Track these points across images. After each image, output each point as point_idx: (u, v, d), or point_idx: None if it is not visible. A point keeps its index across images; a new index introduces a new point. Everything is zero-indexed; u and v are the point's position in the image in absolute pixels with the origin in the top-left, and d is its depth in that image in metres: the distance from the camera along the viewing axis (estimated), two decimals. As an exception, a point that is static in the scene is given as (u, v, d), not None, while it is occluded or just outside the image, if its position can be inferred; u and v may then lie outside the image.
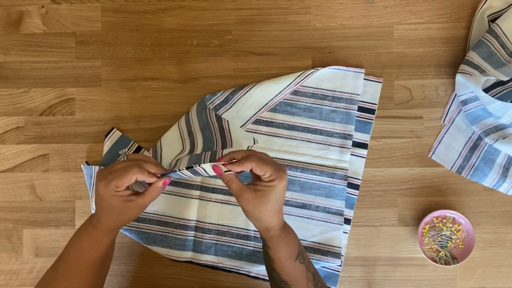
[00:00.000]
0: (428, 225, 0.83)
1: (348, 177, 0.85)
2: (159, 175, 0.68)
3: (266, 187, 0.65)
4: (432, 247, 0.84)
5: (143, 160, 0.68)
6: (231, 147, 0.82)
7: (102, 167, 0.86)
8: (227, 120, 0.84)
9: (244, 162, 0.65)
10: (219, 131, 0.84)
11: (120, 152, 0.71)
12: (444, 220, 0.84)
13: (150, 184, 0.68)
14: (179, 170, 0.67)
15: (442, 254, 0.83)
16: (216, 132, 0.84)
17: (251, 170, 0.65)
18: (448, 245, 0.83)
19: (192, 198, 0.86)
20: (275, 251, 0.67)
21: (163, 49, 0.88)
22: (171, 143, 0.85)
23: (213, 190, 0.86)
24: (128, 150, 0.81)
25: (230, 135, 0.83)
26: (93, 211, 0.83)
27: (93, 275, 0.68)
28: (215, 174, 0.68)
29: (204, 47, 0.88)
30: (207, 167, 0.66)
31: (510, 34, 0.82)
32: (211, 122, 0.84)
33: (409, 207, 0.86)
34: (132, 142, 0.87)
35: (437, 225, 0.83)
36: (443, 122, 0.86)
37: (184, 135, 0.86)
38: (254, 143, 0.84)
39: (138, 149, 0.86)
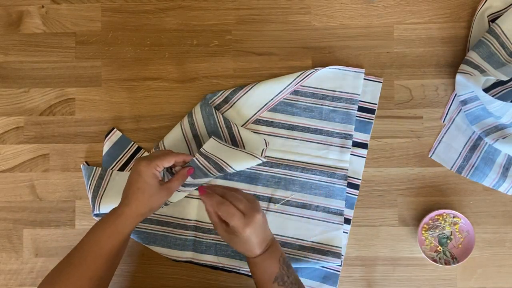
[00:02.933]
0: (428, 225, 0.83)
1: (348, 177, 0.85)
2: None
3: (233, 232, 0.68)
4: (432, 246, 0.84)
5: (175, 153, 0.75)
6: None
7: (101, 167, 0.86)
8: (237, 126, 0.84)
9: (218, 206, 0.68)
10: (230, 138, 0.84)
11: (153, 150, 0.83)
12: (444, 218, 0.83)
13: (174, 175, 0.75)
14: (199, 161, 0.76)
15: (442, 254, 0.83)
16: (226, 139, 0.84)
17: None
18: (448, 243, 0.83)
19: (192, 198, 0.85)
20: (253, 273, 0.71)
21: (163, 49, 0.88)
22: (176, 146, 0.85)
23: (213, 190, 0.86)
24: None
25: (242, 142, 0.83)
26: (95, 211, 0.83)
27: (107, 266, 0.69)
28: (234, 170, 0.78)
29: (204, 47, 0.88)
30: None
31: (510, 34, 0.82)
32: (220, 127, 0.84)
33: (409, 207, 0.86)
34: (132, 142, 0.87)
35: (436, 223, 0.83)
36: (443, 122, 0.86)
37: (189, 138, 0.85)
38: (266, 145, 0.83)
39: (138, 150, 0.86)
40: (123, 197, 0.72)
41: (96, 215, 0.85)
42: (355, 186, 0.85)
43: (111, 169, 0.86)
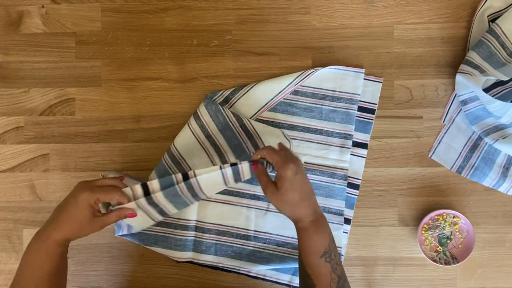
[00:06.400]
0: (428, 225, 0.83)
1: (348, 177, 0.85)
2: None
3: (278, 178, 0.68)
4: (432, 246, 0.84)
5: (122, 187, 0.73)
6: (263, 145, 0.83)
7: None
8: (247, 119, 0.84)
9: (258, 151, 0.71)
10: (242, 129, 0.84)
11: (101, 175, 0.78)
12: (444, 218, 0.83)
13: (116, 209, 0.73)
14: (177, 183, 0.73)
15: (442, 254, 0.83)
16: (239, 132, 0.84)
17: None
18: (448, 243, 0.83)
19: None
20: (302, 243, 0.68)
21: (163, 49, 0.88)
22: (192, 150, 0.85)
23: (213, 190, 0.86)
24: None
25: (258, 133, 0.83)
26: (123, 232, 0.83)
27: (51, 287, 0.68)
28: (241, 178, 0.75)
29: (204, 47, 0.88)
30: (246, 165, 0.72)
31: (510, 34, 0.82)
32: (231, 122, 0.84)
33: (409, 207, 0.86)
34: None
35: (436, 223, 0.83)
36: (443, 122, 0.86)
37: (202, 139, 0.85)
38: (286, 138, 0.82)
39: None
40: (52, 217, 0.70)
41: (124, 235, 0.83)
42: (355, 186, 0.85)
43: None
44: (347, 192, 0.85)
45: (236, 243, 0.85)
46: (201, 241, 0.85)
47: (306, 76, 0.85)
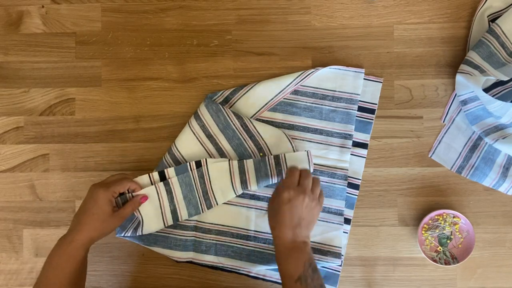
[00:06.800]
0: (428, 225, 0.83)
1: (348, 177, 0.85)
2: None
3: (278, 196, 0.73)
4: (432, 246, 0.84)
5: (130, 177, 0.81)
6: (266, 146, 0.84)
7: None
8: (248, 118, 0.84)
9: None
10: (243, 129, 0.84)
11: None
12: (444, 218, 0.83)
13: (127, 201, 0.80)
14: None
15: (442, 254, 0.83)
16: (240, 131, 0.84)
17: None
18: (448, 243, 0.83)
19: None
20: (278, 263, 0.72)
21: (163, 49, 0.88)
22: (193, 151, 0.85)
23: (213, 190, 0.86)
24: None
25: (259, 132, 0.84)
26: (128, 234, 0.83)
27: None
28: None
29: (204, 47, 0.88)
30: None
31: (510, 34, 0.82)
32: (231, 121, 0.84)
33: (409, 207, 0.86)
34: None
35: (436, 223, 0.83)
36: (443, 122, 0.86)
37: (203, 140, 0.85)
38: (290, 142, 0.84)
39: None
40: (75, 222, 0.74)
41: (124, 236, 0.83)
42: (355, 186, 0.85)
43: None
44: (347, 192, 0.85)
45: (236, 243, 0.85)
46: (201, 241, 0.85)
47: (306, 76, 0.85)
